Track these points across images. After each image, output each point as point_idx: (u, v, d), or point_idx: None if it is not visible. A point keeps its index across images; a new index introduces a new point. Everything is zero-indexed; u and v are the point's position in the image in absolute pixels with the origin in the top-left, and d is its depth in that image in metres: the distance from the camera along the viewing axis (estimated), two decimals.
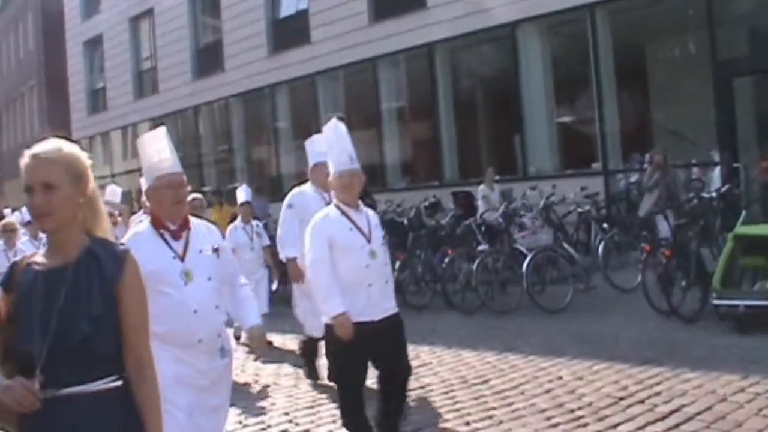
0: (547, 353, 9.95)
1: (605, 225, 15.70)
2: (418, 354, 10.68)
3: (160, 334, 4.74)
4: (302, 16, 26.15)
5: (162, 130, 5.49)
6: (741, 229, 11.28)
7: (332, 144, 6.84)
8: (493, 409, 7.91)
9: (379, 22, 23.34)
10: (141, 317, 3.44)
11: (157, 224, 5.26)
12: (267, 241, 13.03)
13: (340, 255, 6.51)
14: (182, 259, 5.19)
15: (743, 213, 11.97)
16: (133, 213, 15.72)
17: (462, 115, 22.41)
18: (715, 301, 10.70)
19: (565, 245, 14.72)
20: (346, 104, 25.91)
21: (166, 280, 5.08)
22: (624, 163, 19.17)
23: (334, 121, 6.94)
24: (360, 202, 6.79)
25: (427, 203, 17.97)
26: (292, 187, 10.20)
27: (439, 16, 21.56)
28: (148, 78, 34.90)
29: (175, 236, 5.27)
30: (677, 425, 7.17)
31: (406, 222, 17.44)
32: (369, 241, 6.57)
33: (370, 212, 6.88)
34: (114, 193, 16.58)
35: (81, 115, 40.32)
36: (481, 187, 17.79)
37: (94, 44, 38.85)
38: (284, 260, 9.62)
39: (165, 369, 4.77)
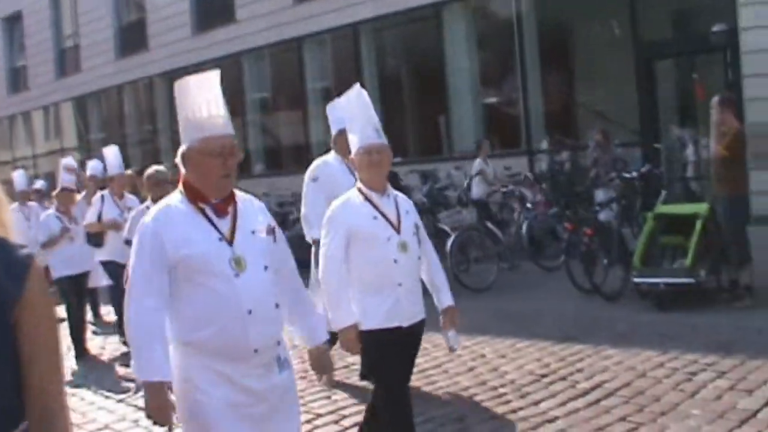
0: (471, 332, 9.98)
1: (529, 204, 15.82)
2: None
3: (200, 344, 4.04)
4: None
5: (215, 76, 4.29)
6: (661, 208, 11.45)
7: (355, 114, 5.81)
8: (416, 389, 7.91)
9: (305, 2, 23.21)
10: (50, 351, 2.45)
11: (193, 197, 4.17)
12: None
13: (363, 248, 5.52)
14: (230, 242, 4.09)
15: (663, 193, 12.14)
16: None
17: (388, 95, 22.39)
18: (636, 279, 10.86)
19: (490, 224, 14.81)
20: (272, 84, 25.80)
21: (211, 269, 4.02)
22: (548, 143, 19.35)
23: (357, 87, 5.99)
24: (388, 185, 5.73)
25: None
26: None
27: None
28: (70, 56, 34.28)
29: (220, 212, 4.18)
30: (598, 401, 7.29)
31: None
32: (398, 231, 5.51)
33: (401, 196, 5.79)
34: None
35: (1, 94, 39.52)
36: (477, 161, 17.17)
37: (13, 21, 38.01)
38: (310, 241, 8.54)
39: (212, 395, 4.06)
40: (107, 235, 11.68)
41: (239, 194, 4.33)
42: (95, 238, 11.79)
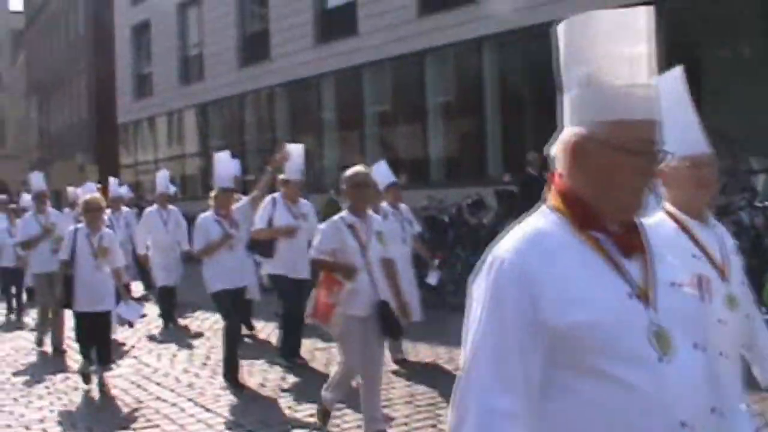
0: None
1: None
2: (452, 357, 10.40)
3: None
4: (350, 6, 25.84)
5: (649, 14, 2.73)
6: None
7: (672, 107, 3.87)
8: None
9: (428, 15, 23.00)
10: None
11: (583, 219, 2.46)
12: (418, 228, 11.82)
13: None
14: (647, 302, 2.36)
15: None
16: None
17: (509, 112, 22.02)
18: None
19: None
20: (392, 97, 25.64)
21: (620, 349, 2.31)
22: None
23: (677, 71, 4.47)
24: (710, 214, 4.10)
25: (469, 201, 17.64)
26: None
27: (488, 10, 21.17)
28: (194, 64, 34.83)
29: (626, 248, 2.45)
30: None
31: (447, 219, 17.12)
32: (724, 276, 3.88)
33: (721, 228, 4.13)
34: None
35: (127, 100, 40.45)
36: None
37: (141, 29, 38.91)
38: None
39: None
40: (278, 244, 10.78)
41: (645, 220, 2.59)
42: (262, 247, 10.87)
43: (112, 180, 16.87)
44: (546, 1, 19.77)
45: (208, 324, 14.66)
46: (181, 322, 15.03)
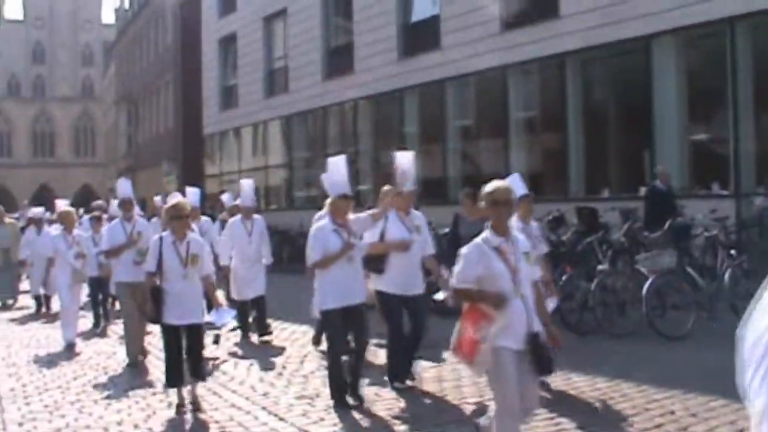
0: (662, 384, 9.49)
1: (733, 251, 15.01)
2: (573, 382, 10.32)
3: None
4: (434, 21, 25.96)
5: None
6: None
7: None
8: None
9: (511, 30, 22.99)
10: None
11: None
12: (545, 248, 10.71)
13: None
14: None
15: None
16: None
17: (591, 128, 21.88)
18: None
19: (690, 270, 14.14)
20: (475, 112, 25.65)
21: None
22: (758, 186, 18.36)
23: None
24: None
25: (550, 217, 17.52)
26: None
27: (572, 26, 21.09)
28: (279, 77, 35.24)
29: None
30: None
31: None
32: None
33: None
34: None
35: (213, 111, 41.08)
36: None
37: (228, 42, 39.51)
38: None
39: None
40: (390, 259, 10.08)
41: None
42: (375, 263, 10.09)
43: (190, 190, 16.21)
44: (628, 17, 19.66)
45: (286, 334, 14.77)
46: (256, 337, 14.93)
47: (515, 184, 9.19)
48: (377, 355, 11.75)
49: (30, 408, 10.07)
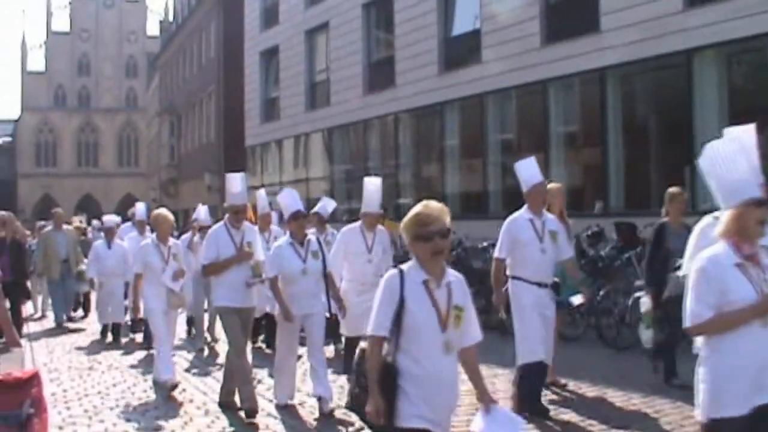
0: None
1: None
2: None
3: None
4: (474, 35, 25.98)
5: None
6: None
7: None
8: None
9: (552, 45, 22.97)
10: None
11: None
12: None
13: None
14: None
15: None
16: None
17: (631, 143, 21.79)
18: None
19: None
20: (516, 126, 25.63)
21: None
22: None
23: None
24: None
25: (589, 232, 17.48)
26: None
27: (613, 40, 21.03)
28: (321, 90, 35.39)
29: None
30: None
31: None
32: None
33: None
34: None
35: (254, 123, 41.36)
36: None
37: (270, 55, 39.78)
38: None
39: None
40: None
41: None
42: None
43: (259, 193, 14.80)
44: (669, 32, 19.58)
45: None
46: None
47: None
48: None
49: (70, 413, 10.24)
